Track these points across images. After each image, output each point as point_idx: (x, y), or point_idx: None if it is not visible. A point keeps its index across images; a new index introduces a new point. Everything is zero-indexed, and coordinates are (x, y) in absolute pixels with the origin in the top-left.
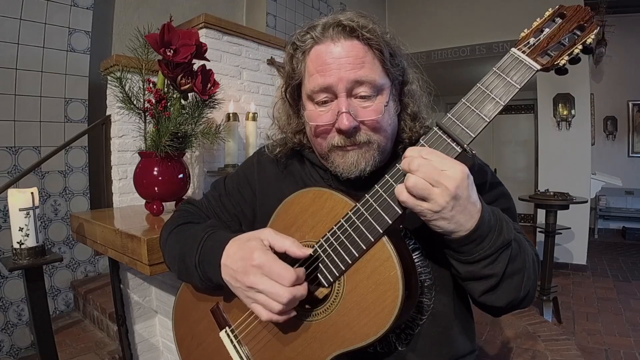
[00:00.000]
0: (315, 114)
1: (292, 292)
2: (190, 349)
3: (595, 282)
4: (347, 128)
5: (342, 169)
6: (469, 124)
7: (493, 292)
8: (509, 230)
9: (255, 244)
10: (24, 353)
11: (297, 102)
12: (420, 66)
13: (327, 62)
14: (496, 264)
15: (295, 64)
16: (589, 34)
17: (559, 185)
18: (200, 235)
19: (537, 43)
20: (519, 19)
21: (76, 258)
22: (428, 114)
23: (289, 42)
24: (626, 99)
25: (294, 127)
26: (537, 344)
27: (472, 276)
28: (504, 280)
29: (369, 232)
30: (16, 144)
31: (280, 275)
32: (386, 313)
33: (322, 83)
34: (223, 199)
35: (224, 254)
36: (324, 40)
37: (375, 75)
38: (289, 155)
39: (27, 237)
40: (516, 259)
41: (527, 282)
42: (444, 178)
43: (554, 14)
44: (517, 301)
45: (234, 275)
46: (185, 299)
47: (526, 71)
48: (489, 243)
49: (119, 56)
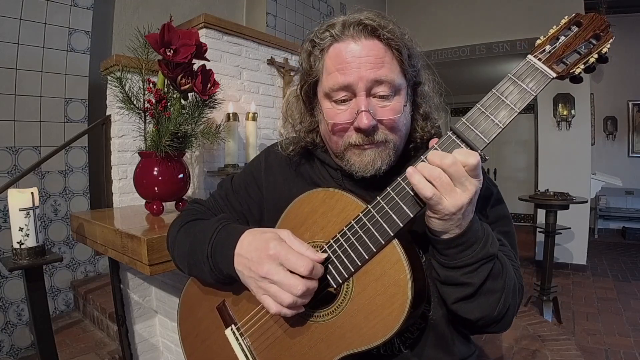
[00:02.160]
0: (333, 112)
1: (306, 284)
2: (195, 346)
3: (595, 282)
4: (366, 127)
5: (358, 168)
6: (483, 130)
7: (467, 301)
8: (494, 246)
9: (272, 235)
10: (24, 353)
11: (311, 100)
12: (432, 67)
13: (348, 60)
14: (475, 275)
15: (312, 62)
16: (604, 43)
17: (559, 185)
18: (214, 226)
19: (553, 51)
20: (519, 19)
21: (76, 258)
22: (439, 114)
23: (306, 39)
24: (626, 99)
25: (306, 125)
26: (537, 344)
27: (450, 281)
28: (480, 293)
29: (380, 235)
30: (16, 144)
31: (297, 264)
32: (394, 316)
33: (342, 81)
34: (230, 197)
35: (238, 244)
36: (344, 38)
37: (394, 76)
38: (299, 154)
39: (27, 237)
40: (497, 278)
41: (504, 304)
42: (469, 182)
43: (570, 22)
44: (489, 319)
45: (247, 265)
46: (191, 295)
47: (542, 78)
48: (473, 252)
49: (119, 56)
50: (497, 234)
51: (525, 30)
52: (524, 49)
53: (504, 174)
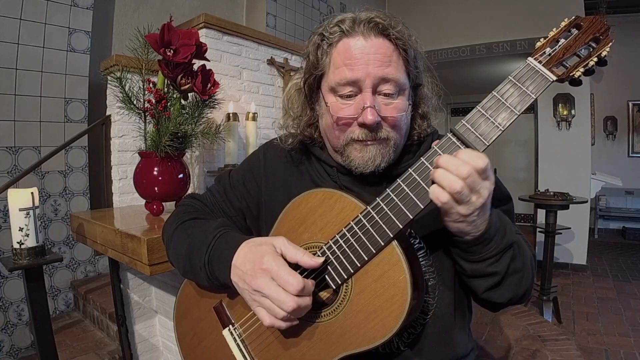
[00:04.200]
0: (337, 106)
1: (297, 302)
2: (192, 346)
3: (595, 282)
4: (371, 122)
5: (358, 164)
6: (482, 132)
7: (496, 289)
8: (512, 232)
9: (267, 248)
10: (24, 353)
11: (313, 94)
12: (432, 69)
13: (356, 56)
14: (500, 263)
15: (320, 55)
16: (604, 46)
17: (559, 185)
18: (212, 234)
19: (554, 53)
20: (519, 19)
21: (76, 258)
22: (435, 114)
23: (315, 32)
24: (626, 99)
25: (306, 120)
26: (537, 344)
27: (477, 274)
28: (506, 278)
29: (380, 236)
30: (16, 144)
31: (288, 282)
32: (393, 317)
33: (350, 77)
34: (228, 193)
35: (235, 256)
36: (354, 34)
37: (400, 75)
38: (297, 150)
39: (27, 237)
40: (516, 259)
41: (526, 280)
42: (482, 187)
43: (569, 24)
44: (517, 298)
45: (242, 277)
46: (187, 296)
47: (542, 81)
48: (495, 244)
49: (119, 56)
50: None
51: (525, 30)
52: (524, 49)
53: (504, 174)
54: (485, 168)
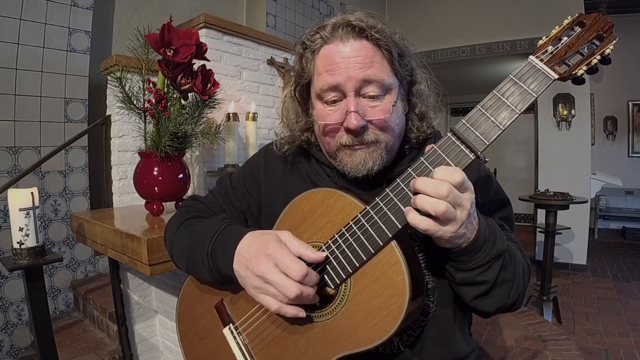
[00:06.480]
0: (324, 112)
1: (301, 289)
2: (193, 344)
3: (595, 282)
4: (355, 127)
5: (350, 168)
6: (483, 131)
7: (484, 297)
8: (502, 240)
9: (272, 236)
10: (24, 353)
11: (306, 100)
12: (429, 66)
13: (336, 61)
14: (489, 272)
15: (304, 63)
16: (608, 44)
17: (559, 185)
18: (217, 225)
19: (556, 51)
20: (519, 19)
21: (76, 258)
22: (435, 114)
23: (298, 41)
24: (626, 99)
25: (302, 125)
26: (537, 344)
27: (465, 282)
28: (495, 287)
29: (378, 236)
30: (16, 144)
31: (291, 268)
32: (392, 318)
33: (331, 82)
34: (229, 194)
35: (239, 244)
36: (333, 40)
37: (383, 75)
38: (296, 153)
39: (27, 237)
40: (507, 268)
41: (516, 290)
42: (464, 200)
43: (573, 22)
44: (505, 307)
45: (245, 264)
46: (190, 294)
47: (543, 80)
48: (484, 253)
49: (119, 56)
50: (497, 220)
51: (526, 30)
52: (524, 49)
53: (504, 174)
54: (463, 181)
